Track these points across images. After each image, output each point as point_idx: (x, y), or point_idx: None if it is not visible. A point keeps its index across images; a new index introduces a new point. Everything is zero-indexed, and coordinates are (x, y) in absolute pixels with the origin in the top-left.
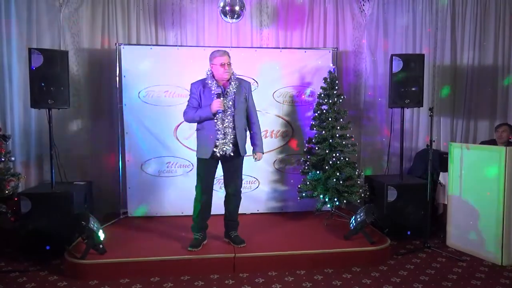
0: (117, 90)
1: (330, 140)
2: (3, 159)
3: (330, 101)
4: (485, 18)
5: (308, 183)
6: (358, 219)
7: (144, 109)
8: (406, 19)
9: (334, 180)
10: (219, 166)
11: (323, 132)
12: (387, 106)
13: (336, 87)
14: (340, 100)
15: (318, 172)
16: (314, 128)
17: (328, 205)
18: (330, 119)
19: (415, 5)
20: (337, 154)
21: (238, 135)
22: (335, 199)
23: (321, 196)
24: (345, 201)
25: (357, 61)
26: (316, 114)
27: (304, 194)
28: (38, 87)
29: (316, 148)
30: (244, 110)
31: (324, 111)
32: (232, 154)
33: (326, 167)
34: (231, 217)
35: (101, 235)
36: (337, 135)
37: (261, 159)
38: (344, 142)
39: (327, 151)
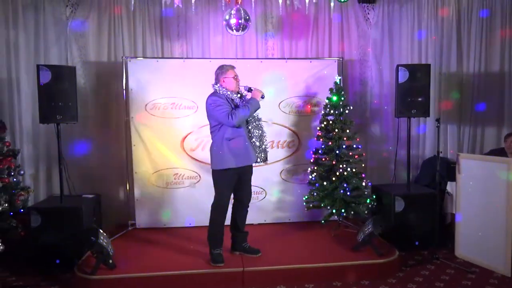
0: (124, 102)
1: (337, 151)
2: (12, 174)
3: (336, 111)
4: (491, 25)
5: (315, 194)
6: (366, 232)
7: (151, 121)
8: (412, 27)
9: (341, 191)
10: None
11: (330, 143)
12: (393, 114)
13: (342, 98)
14: (347, 111)
15: (325, 183)
16: (321, 139)
17: (336, 216)
18: (336, 130)
19: (420, 13)
20: (344, 165)
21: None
22: (342, 210)
23: (328, 207)
24: (352, 212)
25: (363, 70)
26: (323, 125)
27: (311, 205)
28: (46, 102)
29: (323, 159)
30: None
31: (331, 121)
32: (265, 159)
33: (333, 178)
34: (243, 229)
35: (111, 250)
36: (344, 146)
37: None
38: (351, 153)
39: (334, 162)
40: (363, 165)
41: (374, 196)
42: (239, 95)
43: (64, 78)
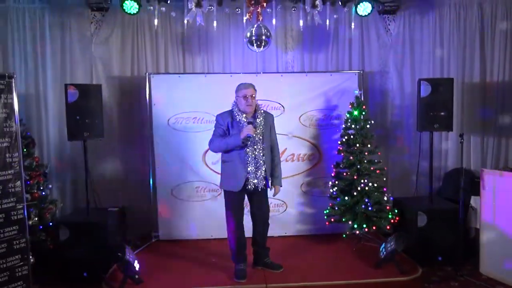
0: (147, 117)
1: (358, 166)
2: (41, 188)
3: (357, 126)
4: None
5: (336, 208)
6: (389, 249)
7: (174, 136)
8: (433, 37)
9: (363, 206)
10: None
11: (351, 157)
12: (415, 127)
13: (363, 112)
14: (368, 125)
15: (346, 197)
16: (342, 153)
17: (357, 232)
18: (357, 144)
19: (442, 23)
20: (365, 180)
21: (267, 168)
22: (364, 225)
23: (350, 221)
24: (374, 227)
25: (383, 81)
26: (344, 139)
27: (332, 219)
28: (74, 120)
29: (344, 173)
30: (270, 144)
31: (352, 136)
32: (263, 187)
33: (354, 193)
34: (263, 245)
35: (137, 265)
36: (365, 161)
37: (279, 190)
38: (372, 168)
39: (355, 177)
40: (384, 178)
41: (396, 211)
42: (243, 116)
43: (90, 96)
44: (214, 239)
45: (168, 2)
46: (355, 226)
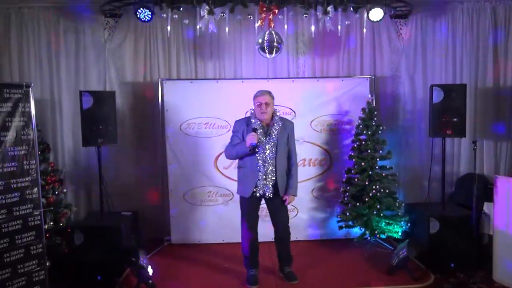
0: (159, 122)
1: (370, 172)
2: (56, 193)
3: (369, 132)
4: None
5: (347, 213)
6: (401, 255)
7: (186, 141)
8: (445, 41)
9: (374, 212)
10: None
11: (363, 163)
12: (427, 131)
13: (375, 118)
14: (379, 131)
15: (357, 203)
16: (353, 159)
17: (369, 238)
18: (369, 150)
19: (455, 26)
20: (377, 186)
21: (279, 177)
22: (376, 231)
23: (361, 228)
24: (385, 233)
25: (395, 85)
26: (355, 145)
27: (343, 225)
28: (88, 127)
29: (356, 179)
30: (286, 152)
31: (363, 141)
32: (271, 196)
33: (366, 199)
34: (283, 253)
35: (150, 270)
36: (377, 167)
37: (293, 200)
38: (384, 174)
39: (366, 182)
40: (396, 184)
41: (407, 217)
42: (258, 123)
43: (104, 103)
44: (226, 243)
45: (181, 9)
46: (367, 232)
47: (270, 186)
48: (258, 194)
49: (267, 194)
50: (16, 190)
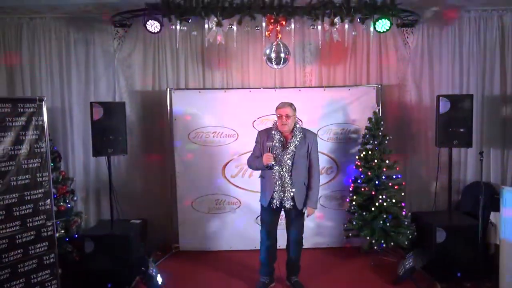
0: (168, 131)
1: (376, 181)
2: (67, 201)
3: (376, 141)
4: None
5: (354, 222)
6: (407, 266)
7: (194, 150)
8: (452, 50)
9: (381, 221)
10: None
11: (369, 172)
12: (433, 140)
13: (382, 128)
14: (386, 141)
15: (364, 213)
16: (360, 168)
17: (375, 247)
18: (376, 160)
19: (462, 35)
20: (384, 196)
21: (296, 189)
22: (382, 240)
23: (368, 237)
24: (392, 243)
25: (401, 94)
26: (362, 155)
27: (350, 234)
28: (99, 137)
29: (362, 188)
30: (305, 164)
31: (370, 151)
32: (291, 207)
33: (373, 208)
34: (292, 262)
35: (159, 279)
36: (383, 176)
37: (313, 213)
38: (390, 183)
39: (373, 192)
40: (402, 193)
41: (414, 226)
42: (278, 134)
43: (114, 114)
44: (233, 250)
45: (189, 21)
46: (373, 241)
47: (289, 197)
48: (274, 207)
49: (286, 206)
50: (29, 202)
